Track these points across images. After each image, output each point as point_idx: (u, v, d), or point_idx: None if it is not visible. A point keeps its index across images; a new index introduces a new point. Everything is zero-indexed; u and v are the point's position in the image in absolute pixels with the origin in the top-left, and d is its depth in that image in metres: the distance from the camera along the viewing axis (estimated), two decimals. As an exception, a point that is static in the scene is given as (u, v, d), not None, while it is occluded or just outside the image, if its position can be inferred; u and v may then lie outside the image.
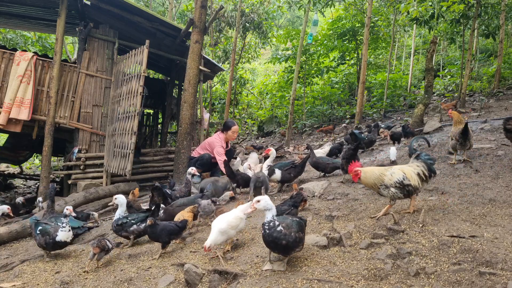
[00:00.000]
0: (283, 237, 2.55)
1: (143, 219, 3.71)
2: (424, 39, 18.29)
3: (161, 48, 8.41)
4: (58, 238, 3.55)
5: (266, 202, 2.65)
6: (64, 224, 3.59)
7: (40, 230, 3.60)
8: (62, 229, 3.58)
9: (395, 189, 3.18)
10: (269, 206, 2.64)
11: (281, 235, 2.55)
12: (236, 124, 6.76)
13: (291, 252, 2.66)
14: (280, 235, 2.55)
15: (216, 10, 8.19)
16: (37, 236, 3.62)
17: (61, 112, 7.15)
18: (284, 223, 2.63)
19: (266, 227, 2.59)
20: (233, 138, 6.79)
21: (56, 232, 3.57)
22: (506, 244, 2.60)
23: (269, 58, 16.03)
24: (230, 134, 6.63)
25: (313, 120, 13.14)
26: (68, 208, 3.81)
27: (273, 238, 2.56)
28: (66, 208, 3.82)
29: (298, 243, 2.62)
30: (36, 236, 3.62)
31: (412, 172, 3.25)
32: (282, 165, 5.06)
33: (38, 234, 3.60)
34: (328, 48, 14.14)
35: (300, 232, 2.65)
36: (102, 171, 7.10)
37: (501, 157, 4.91)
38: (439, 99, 12.08)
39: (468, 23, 9.96)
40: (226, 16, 13.59)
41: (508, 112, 7.81)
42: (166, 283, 2.76)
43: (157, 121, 12.03)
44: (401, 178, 3.18)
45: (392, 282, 2.35)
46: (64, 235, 3.57)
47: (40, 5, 7.48)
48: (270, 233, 2.57)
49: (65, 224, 3.59)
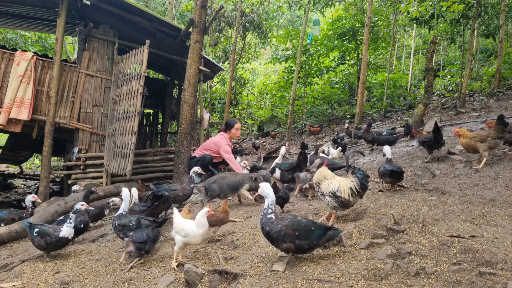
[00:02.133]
0: (269, 225, 2.65)
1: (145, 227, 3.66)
2: (424, 39, 18.29)
3: (161, 48, 8.41)
4: (61, 234, 3.54)
5: (263, 190, 2.82)
6: (71, 220, 3.60)
7: (38, 232, 3.58)
8: (67, 224, 3.58)
9: (329, 197, 3.38)
10: (265, 194, 2.79)
11: (268, 223, 2.66)
12: (238, 122, 6.82)
13: (276, 245, 2.68)
14: (267, 222, 2.67)
15: (216, 10, 8.19)
16: (35, 238, 3.59)
17: (61, 112, 7.15)
18: (282, 216, 2.74)
19: (262, 214, 2.75)
20: (237, 135, 6.84)
21: (56, 231, 3.56)
22: (506, 244, 2.60)
23: (269, 58, 16.05)
24: (234, 132, 6.66)
25: (313, 120, 13.14)
26: (84, 204, 3.82)
27: (261, 224, 2.72)
28: (81, 203, 3.81)
29: (283, 237, 2.61)
30: (34, 238, 3.60)
31: (346, 185, 3.38)
32: (282, 165, 5.10)
33: (36, 236, 3.58)
34: (328, 48, 14.15)
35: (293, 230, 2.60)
36: (102, 171, 7.10)
37: (501, 157, 4.91)
38: (439, 99, 12.09)
39: (468, 23, 9.97)
40: (226, 16, 13.59)
41: (508, 112, 7.81)
42: (166, 283, 2.76)
43: (157, 121, 12.02)
44: (335, 189, 3.35)
45: (392, 282, 2.35)
46: (68, 230, 3.57)
47: (40, 5, 7.48)
48: (261, 219, 2.74)
49: (72, 220, 3.61)
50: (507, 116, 7.18)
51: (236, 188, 4.59)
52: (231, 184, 4.55)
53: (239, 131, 6.80)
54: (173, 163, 6.97)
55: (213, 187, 4.49)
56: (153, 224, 3.45)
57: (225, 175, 4.72)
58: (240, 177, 4.67)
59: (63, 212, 5.11)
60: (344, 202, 3.34)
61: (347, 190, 3.35)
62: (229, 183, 4.55)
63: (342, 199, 3.32)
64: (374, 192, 4.39)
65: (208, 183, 4.56)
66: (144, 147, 10.70)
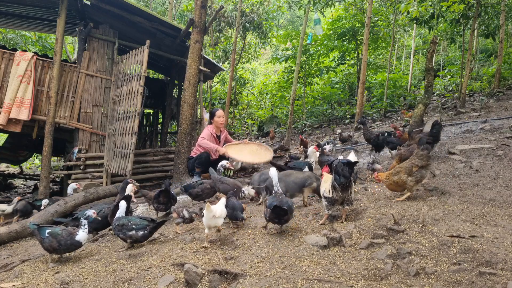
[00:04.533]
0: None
1: (143, 227, 3.69)
2: (424, 39, 18.30)
3: (161, 48, 8.41)
4: (77, 238, 3.54)
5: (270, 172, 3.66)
6: (85, 225, 3.62)
7: (50, 233, 3.55)
8: (83, 229, 3.59)
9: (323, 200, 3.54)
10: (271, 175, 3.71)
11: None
12: (220, 109, 6.81)
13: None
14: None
15: (216, 10, 8.20)
16: (45, 239, 3.56)
17: (61, 112, 7.15)
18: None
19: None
20: (221, 122, 6.72)
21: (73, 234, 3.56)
22: (506, 244, 2.60)
23: (269, 58, 16.05)
24: (217, 120, 6.62)
25: (313, 120, 13.14)
26: (94, 212, 3.90)
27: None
28: (92, 211, 3.89)
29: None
30: (45, 239, 3.56)
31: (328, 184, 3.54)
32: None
33: (48, 236, 3.56)
34: (328, 48, 14.15)
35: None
36: (102, 171, 7.10)
37: (501, 157, 4.91)
38: (439, 99, 12.09)
39: (468, 23, 9.97)
40: (226, 16, 13.60)
41: (508, 112, 7.81)
42: (166, 283, 2.76)
43: (157, 121, 12.03)
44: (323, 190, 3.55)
45: (392, 282, 2.35)
46: (84, 236, 3.59)
47: (40, 5, 7.49)
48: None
49: (86, 225, 3.63)
50: (507, 116, 7.19)
51: (303, 186, 4.20)
52: (298, 182, 4.18)
53: (222, 118, 6.72)
54: (173, 163, 6.97)
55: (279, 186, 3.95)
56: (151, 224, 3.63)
57: (290, 172, 4.33)
58: (307, 174, 4.29)
59: (63, 212, 5.11)
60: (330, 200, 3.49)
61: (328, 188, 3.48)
62: (296, 180, 4.19)
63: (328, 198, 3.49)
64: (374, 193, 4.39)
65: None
66: (144, 147, 10.71)
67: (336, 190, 3.43)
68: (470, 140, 6.07)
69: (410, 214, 3.34)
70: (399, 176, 3.79)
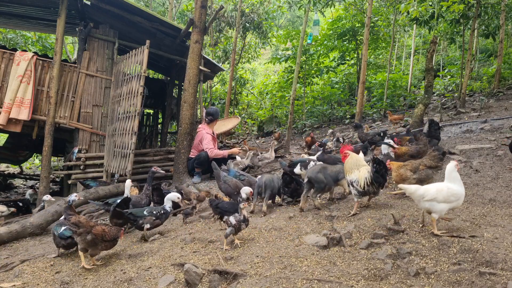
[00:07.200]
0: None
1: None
2: (424, 39, 18.29)
3: (161, 48, 8.41)
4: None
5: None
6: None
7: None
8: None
9: (352, 188, 3.68)
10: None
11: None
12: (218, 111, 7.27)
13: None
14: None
15: (216, 10, 8.19)
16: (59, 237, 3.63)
17: (61, 112, 7.14)
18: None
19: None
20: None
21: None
22: (506, 244, 2.60)
23: (269, 58, 16.03)
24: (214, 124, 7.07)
25: (313, 120, 13.14)
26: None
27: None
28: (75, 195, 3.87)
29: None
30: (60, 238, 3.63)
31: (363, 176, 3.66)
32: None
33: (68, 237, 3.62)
34: (328, 48, 14.14)
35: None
36: (102, 171, 7.10)
37: (501, 157, 4.91)
38: (439, 99, 12.09)
39: (468, 23, 9.97)
40: (226, 16, 13.59)
41: (508, 112, 7.81)
42: (166, 283, 2.76)
43: (157, 121, 12.02)
44: (354, 179, 3.66)
45: (392, 282, 2.35)
46: None
47: (40, 5, 7.48)
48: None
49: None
50: (507, 116, 7.19)
51: (337, 179, 4.16)
52: (333, 175, 4.13)
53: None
54: (173, 163, 6.97)
55: (320, 177, 3.99)
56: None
57: (326, 165, 4.29)
58: (340, 167, 4.17)
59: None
60: (362, 192, 3.64)
61: (363, 182, 3.60)
62: (331, 173, 4.13)
63: (361, 191, 3.63)
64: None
65: (313, 173, 4.04)
66: (144, 147, 10.70)
67: (372, 186, 3.59)
68: (470, 140, 6.07)
69: (410, 214, 3.35)
70: (405, 170, 3.87)
